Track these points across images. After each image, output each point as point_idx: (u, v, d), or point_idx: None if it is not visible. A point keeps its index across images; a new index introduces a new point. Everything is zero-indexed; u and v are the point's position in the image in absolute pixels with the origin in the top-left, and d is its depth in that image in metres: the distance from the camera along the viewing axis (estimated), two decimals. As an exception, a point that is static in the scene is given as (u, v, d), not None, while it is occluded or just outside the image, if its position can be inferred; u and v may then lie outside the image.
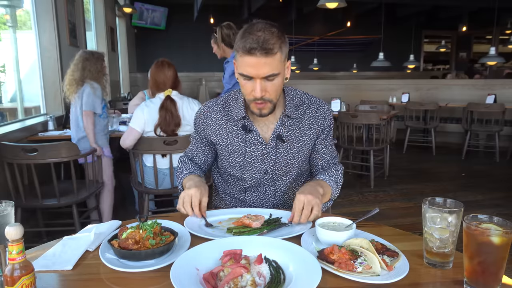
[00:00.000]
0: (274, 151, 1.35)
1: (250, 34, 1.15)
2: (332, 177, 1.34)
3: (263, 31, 1.15)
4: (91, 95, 2.81)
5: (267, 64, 1.16)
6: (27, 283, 0.72)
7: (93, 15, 5.95)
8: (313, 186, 1.22)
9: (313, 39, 10.10)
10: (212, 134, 1.38)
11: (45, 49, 3.69)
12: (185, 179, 1.34)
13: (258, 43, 1.13)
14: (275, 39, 1.15)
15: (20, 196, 2.41)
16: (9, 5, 3.60)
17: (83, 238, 1.06)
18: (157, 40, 9.22)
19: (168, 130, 2.58)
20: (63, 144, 2.45)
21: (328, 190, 1.30)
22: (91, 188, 2.68)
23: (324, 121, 1.39)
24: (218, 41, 3.23)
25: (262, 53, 1.14)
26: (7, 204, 0.90)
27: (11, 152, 2.38)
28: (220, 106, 1.38)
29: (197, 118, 1.42)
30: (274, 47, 1.15)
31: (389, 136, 4.69)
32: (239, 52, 1.18)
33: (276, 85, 1.22)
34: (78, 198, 2.53)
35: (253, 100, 1.23)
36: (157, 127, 2.57)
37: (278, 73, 1.19)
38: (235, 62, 1.26)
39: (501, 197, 3.96)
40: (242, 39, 1.17)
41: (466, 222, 0.83)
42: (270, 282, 0.83)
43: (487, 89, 6.54)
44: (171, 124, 2.57)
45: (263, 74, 1.17)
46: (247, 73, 1.18)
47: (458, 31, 10.94)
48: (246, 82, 1.21)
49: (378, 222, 1.21)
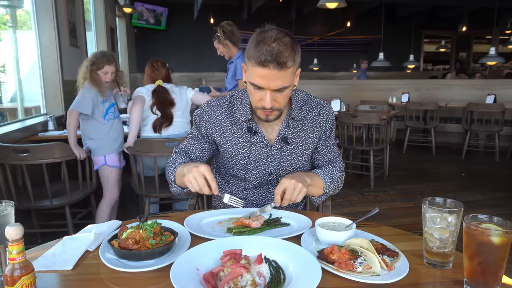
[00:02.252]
0: (279, 153, 1.36)
1: (264, 44, 1.13)
2: (327, 173, 1.35)
3: (277, 42, 1.13)
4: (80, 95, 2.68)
5: (279, 77, 1.15)
6: (27, 283, 0.72)
7: (93, 15, 5.95)
8: (300, 174, 1.25)
9: (313, 39, 10.09)
10: (216, 133, 1.37)
11: (45, 49, 3.69)
12: (180, 167, 1.28)
13: (272, 56, 1.11)
14: (289, 51, 1.14)
15: (12, 198, 2.35)
16: (9, 5, 3.60)
17: (83, 238, 1.06)
18: (157, 40, 9.22)
19: (164, 108, 2.84)
20: (55, 145, 2.42)
21: (318, 183, 1.31)
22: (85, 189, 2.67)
23: (326, 122, 1.39)
24: (222, 40, 3.19)
25: (276, 66, 1.12)
26: (7, 204, 0.90)
27: (3, 152, 2.34)
28: (225, 106, 1.37)
29: (199, 116, 1.39)
30: (287, 60, 1.13)
31: (389, 136, 4.69)
32: (251, 61, 1.16)
33: (286, 96, 1.22)
34: (71, 199, 2.51)
35: (261, 108, 1.23)
36: (152, 106, 2.84)
37: (289, 85, 1.19)
38: (245, 67, 1.25)
39: (501, 197, 3.96)
40: (255, 48, 1.14)
41: (466, 222, 0.83)
42: (270, 282, 0.83)
43: (487, 89, 6.54)
44: (166, 102, 2.85)
45: (275, 87, 1.16)
46: (258, 84, 1.17)
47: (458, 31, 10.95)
48: (256, 91, 1.20)
49: (378, 222, 1.21)
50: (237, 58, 3.25)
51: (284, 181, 1.17)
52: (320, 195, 1.36)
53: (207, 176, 1.14)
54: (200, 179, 1.13)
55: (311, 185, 1.25)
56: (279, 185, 1.17)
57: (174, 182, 1.32)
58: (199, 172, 1.13)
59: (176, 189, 1.34)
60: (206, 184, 1.14)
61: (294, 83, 1.24)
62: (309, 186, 1.23)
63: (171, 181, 1.33)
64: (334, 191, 1.41)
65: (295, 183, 1.16)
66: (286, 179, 1.17)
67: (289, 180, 1.17)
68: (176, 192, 1.35)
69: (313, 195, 1.35)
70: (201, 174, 1.13)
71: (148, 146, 2.54)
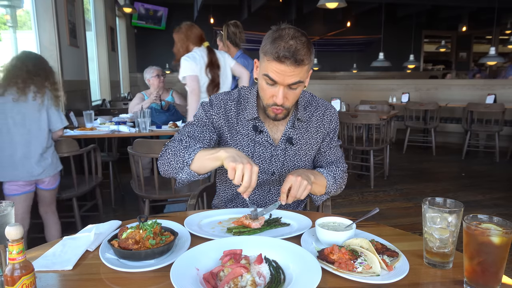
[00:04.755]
0: (283, 153, 1.36)
1: (282, 40, 1.14)
2: (330, 172, 1.36)
3: (295, 40, 1.14)
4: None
5: (295, 74, 1.16)
6: (27, 283, 0.72)
7: (93, 15, 5.95)
8: (304, 171, 1.25)
9: (313, 39, 10.09)
10: (225, 128, 1.35)
11: (45, 49, 3.69)
12: (206, 150, 1.18)
13: (289, 52, 1.13)
14: (305, 50, 1.15)
15: None
16: (9, 5, 3.59)
17: (83, 238, 1.06)
18: (157, 40, 9.22)
19: (215, 72, 2.78)
20: (63, 141, 2.65)
21: (321, 182, 1.31)
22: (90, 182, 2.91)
23: (330, 124, 1.40)
24: (224, 39, 3.20)
25: (293, 63, 1.14)
26: (7, 204, 0.90)
27: None
28: (235, 102, 1.36)
29: (211, 105, 1.34)
30: (304, 58, 1.15)
31: (389, 136, 4.70)
32: (268, 56, 1.16)
33: (297, 94, 1.23)
34: (78, 192, 2.74)
35: (272, 105, 1.23)
36: (206, 68, 2.76)
37: (302, 82, 1.20)
38: (257, 63, 1.26)
39: (501, 197, 3.96)
40: (272, 44, 1.15)
41: (466, 222, 0.83)
42: (270, 282, 0.83)
43: (487, 89, 6.54)
44: (215, 64, 2.79)
45: (289, 82, 1.17)
46: (274, 78, 1.17)
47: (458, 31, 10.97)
48: (268, 86, 1.21)
49: (378, 222, 1.21)
50: (236, 58, 3.25)
51: (290, 178, 1.17)
52: (322, 194, 1.36)
53: (253, 179, 1.06)
54: (250, 178, 1.05)
55: (314, 183, 1.26)
56: (285, 182, 1.18)
57: (189, 166, 1.18)
58: (253, 171, 1.06)
59: (187, 175, 1.19)
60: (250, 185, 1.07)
61: (305, 83, 1.24)
62: (313, 183, 1.24)
63: (186, 164, 1.18)
64: (336, 192, 1.41)
65: (301, 180, 1.16)
66: (292, 175, 1.18)
67: (295, 177, 1.17)
68: (184, 179, 1.21)
69: (315, 194, 1.35)
70: (251, 174, 1.05)
71: (148, 147, 2.53)
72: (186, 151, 1.19)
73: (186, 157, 1.18)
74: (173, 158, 1.22)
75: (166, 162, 1.25)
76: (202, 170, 1.18)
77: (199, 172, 1.19)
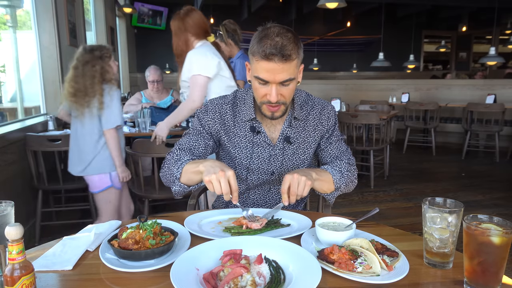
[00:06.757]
0: (281, 152, 1.36)
1: (268, 39, 1.14)
2: (335, 167, 1.32)
3: (280, 37, 1.14)
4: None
5: (284, 70, 1.16)
6: (27, 283, 0.72)
7: (93, 15, 5.95)
8: (304, 169, 1.24)
9: (313, 39, 10.09)
10: (222, 132, 1.36)
11: (45, 49, 3.69)
12: (190, 164, 1.23)
13: (276, 49, 1.13)
14: (292, 45, 1.15)
15: (43, 180, 2.88)
16: (9, 5, 3.60)
17: (83, 238, 1.06)
18: (157, 40, 9.20)
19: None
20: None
21: (326, 178, 1.27)
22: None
23: (328, 121, 1.39)
24: (225, 38, 3.17)
25: (281, 59, 1.14)
26: (7, 204, 0.90)
27: (37, 141, 2.80)
28: (230, 105, 1.36)
29: (205, 112, 1.36)
30: (292, 53, 1.15)
31: (389, 136, 4.70)
32: (256, 56, 1.17)
33: (291, 90, 1.22)
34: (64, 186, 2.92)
35: (266, 102, 1.23)
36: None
37: (293, 78, 1.20)
38: (248, 65, 1.26)
39: (501, 197, 3.96)
40: (259, 43, 1.15)
41: (466, 222, 0.83)
42: (270, 282, 0.83)
43: (487, 89, 6.55)
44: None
45: (280, 80, 1.17)
46: (264, 78, 1.17)
47: (458, 31, 10.96)
48: (260, 86, 1.21)
49: (378, 222, 1.21)
50: (237, 58, 3.24)
51: (287, 178, 1.16)
52: (332, 190, 1.31)
53: (232, 184, 1.09)
54: (226, 184, 1.08)
55: (318, 179, 1.23)
56: (283, 183, 1.16)
57: (179, 179, 1.25)
58: (226, 176, 1.09)
59: (179, 187, 1.26)
60: (229, 191, 1.09)
61: (298, 79, 1.24)
62: (316, 180, 1.21)
63: (176, 178, 1.25)
64: (348, 187, 1.36)
65: (298, 177, 1.15)
66: (288, 174, 1.17)
67: (291, 175, 1.16)
68: (177, 191, 1.28)
69: (325, 192, 1.31)
70: (227, 180, 1.09)
71: (148, 147, 2.53)
72: (175, 164, 1.26)
73: (174, 171, 1.26)
74: (167, 172, 1.30)
75: (163, 175, 1.33)
76: (191, 182, 1.24)
77: (188, 184, 1.26)
